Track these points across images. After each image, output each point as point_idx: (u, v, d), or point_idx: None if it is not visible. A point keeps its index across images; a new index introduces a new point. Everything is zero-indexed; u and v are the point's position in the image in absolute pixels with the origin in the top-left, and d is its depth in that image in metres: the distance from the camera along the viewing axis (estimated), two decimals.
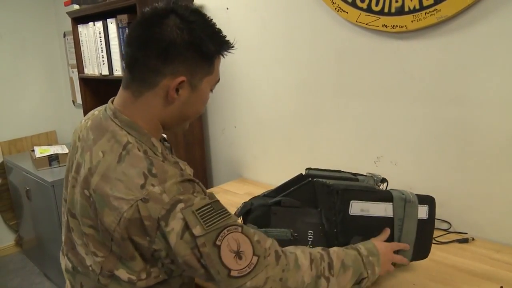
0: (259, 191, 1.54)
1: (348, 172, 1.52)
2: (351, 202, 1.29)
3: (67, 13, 2.96)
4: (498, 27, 1.46)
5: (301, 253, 1.10)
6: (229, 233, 0.97)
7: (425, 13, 1.58)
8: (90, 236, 1.03)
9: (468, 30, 1.53)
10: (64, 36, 3.86)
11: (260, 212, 1.35)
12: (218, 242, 0.95)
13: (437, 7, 1.55)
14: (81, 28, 2.85)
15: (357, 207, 1.30)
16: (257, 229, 1.31)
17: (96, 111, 1.15)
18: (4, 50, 3.65)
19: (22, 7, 3.69)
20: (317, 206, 1.38)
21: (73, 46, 2.98)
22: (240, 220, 0.99)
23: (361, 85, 1.87)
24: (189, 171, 1.11)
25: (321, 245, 1.34)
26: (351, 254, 1.17)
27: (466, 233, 1.64)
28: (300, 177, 1.44)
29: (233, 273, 0.97)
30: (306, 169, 1.51)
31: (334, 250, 1.17)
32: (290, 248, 1.13)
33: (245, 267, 0.98)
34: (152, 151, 1.03)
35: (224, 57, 1.08)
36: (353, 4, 1.77)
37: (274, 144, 2.34)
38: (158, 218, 0.93)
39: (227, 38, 1.07)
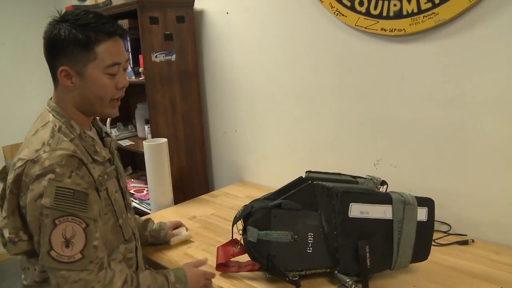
0: (259, 194, 1.55)
1: (348, 175, 1.53)
2: (350, 204, 1.30)
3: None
4: (495, 30, 1.47)
5: (119, 273, 1.20)
6: (71, 222, 1.08)
7: (423, 16, 1.59)
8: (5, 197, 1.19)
9: (466, 33, 1.54)
10: None
11: (261, 214, 1.36)
12: (57, 222, 1.07)
13: (435, 10, 1.56)
14: None
15: (356, 210, 1.30)
16: (258, 231, 1.33)
17: None
18: (6, 56, 3.67)
19: (24, 13, 3.71)
20: (317, 208, 1.39)
21: None
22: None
23: (360, 88, 1.88)
24: (104, 154, 1.27)
25: (321, 247, 1.35)
26: (158, 280, 1.27)
27: (466, 235, 1.65)
28: (300, 180, 1.45)
29: (52, 253, 1.08)
30: (306, 172, 1.52)
31: (145, 275, 1.26)
32: (115, 265, 1.23)
33: (65, 256, 1.08)
34: (69, 130, 1.20)
35: (101, 42, 1.18)
36: (352, 8, 1.78)
37: (275, 147, 2.35)
38: (33, 177, 1.09)
39: (104, 26, 1.18)
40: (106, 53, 1.19)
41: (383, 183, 1.48)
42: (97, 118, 1.40)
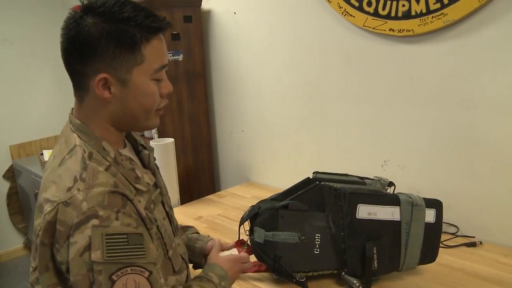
0: (266, 195, 1.55)
1: (356, 176, 1.53)
2: (358, 205, 1.29)
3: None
4: (505, 31, 1.46)
5: None
6: (132, 273, 0.87)
7: (432, 17, 1.58)
8: (33, 246, 0.97)
9: (475, 33, 1.53)
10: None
11: (268, 215, 1.36)
12: (114, 277, 0.85)
13: (444, 11, 1.55)
14: None
15: (364, 211, 1.30)
16: (265, 232, 1.33)
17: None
18: (14, 55, 3.68)
19: (32, 13, 3.73)
20: (325, 209, 1.39)
21: None
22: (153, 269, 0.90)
23: (368, 89, 1.88)
24: (147, 179, 1.02)
25: (329, 248, 1.35)
26: None
27: (474, 237, 1.64)
28: (307, 181, 1.45)
29: None
30: (313, 173, 1.52)
31: None
32: None
33: None
34: (101, 155, 0.96)
35: (149, 41, 0.95)
36: (360, 8, 1.78)
37: (282, 148, 2.35)
38: (71, 225, 0.85)
39: (151, 21, 0.95)
40: (154, 54, 0.96)
41: (391, 184, 1.48)
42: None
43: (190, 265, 1.33)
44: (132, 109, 0.98)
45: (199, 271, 1.23)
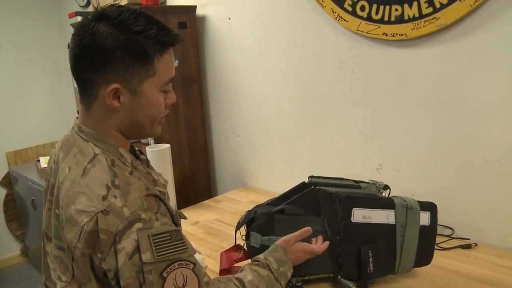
0: (263, 199, 1.55)
1: (351, 180, 1.53)
2: (353, 209, 1.30)
3: (71, 24, 2.99)
4: (496, 35, 1.48)
5: None
6: (179, 268, 0.91)
7: (425, 21, 1.60)
8: (59, 258, 0.97)
9: (467, 37, 1.54)
10: (69, 47, 3.89)
11: (264, 220, 1.37)
12: (165, 274, 0.88)
13: (436, 15, 1.56)
14: None
15: (359, 214, 1.31)
16: (261, 237, 1.33)
17: (68, 132, 1.10)
18: (10, 62, 3.69)
19: (27, 20, 3.74)
20: (320, 213, 1.39)
21: None
22: (194, 259, 0.94)
23: (363, 93, 1.89)
24: (162, 181, 1.07)
25: (324, 252, 1.34)
26: (264, 275, 1.15)
27: (469, 239, 1.65)
28: (302, 185, 1.45)
29: None
30: (309, 177, 1.52)
31: (249, 280, 1.12)
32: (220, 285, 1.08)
33: None
34: (121, 161, 0.99)
35: (162, 55, 0.97)
36: (353, 13, 1.79)
37: (277, 152, 2.36)
38: (115, 232, 0.87)
39: (164, 35, 0.96)
40: (165, 67, 0.98)
41: (386, 187, 1.48)
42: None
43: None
44: (140, 118, 1.00)
45: None
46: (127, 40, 0.92)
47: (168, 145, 2.14)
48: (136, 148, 1.16)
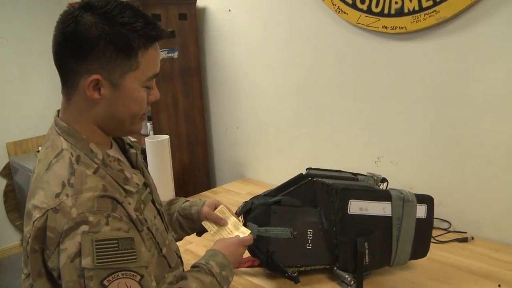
0: (261, 191, 1.56)
1: (349, 172, 1.54)
2: (350, 201, 1.31)
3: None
4: (496, 28, 1.48)
5: None
6: (123, 278, 0.86)
7: (425, 14, 1.59)
8: (24, 251, 0.95)
9: (467, 31, 1.54)
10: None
11: (261, 211, 1.37)
12: (106, 282, 0.84)
13: (436, 8, 1.56)
14: None
15: (356, 206, 1.31)
16: (257, 227, 1.34)
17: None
18: (10, 52, 3.68)
19: (27, 10, 3.73)
20: (317, 205, 1.40)
21: None
22: (145, 270, 0.89)
23: (362, 85, 1.89)
24: (136, 180, 1.01)
25: (321, 244, 1.36)
26: (206, 282, 1.10)
27: (466, 233, 1.65)
28: (300, 177, 1.46)
29: None
30: (306, 169, 1.53)
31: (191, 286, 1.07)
32: None
33: None
34: (89, 157, 0.95)
35: (147, 49, 0.95)
36: (354, 6, 1.78)
37: (276, 144, 2.36)
38: (61, 232, 0.84)
39: (150, 29, 0.94)
40: (149, 62, 0.96)
41: (384, 180, 1.49)
42: None
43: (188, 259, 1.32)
44: (119, 112, 0.97)
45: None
46: (112, 31, 0.89)
47: (167, 136, 2.15)
48: (128, 141, 1.14)
